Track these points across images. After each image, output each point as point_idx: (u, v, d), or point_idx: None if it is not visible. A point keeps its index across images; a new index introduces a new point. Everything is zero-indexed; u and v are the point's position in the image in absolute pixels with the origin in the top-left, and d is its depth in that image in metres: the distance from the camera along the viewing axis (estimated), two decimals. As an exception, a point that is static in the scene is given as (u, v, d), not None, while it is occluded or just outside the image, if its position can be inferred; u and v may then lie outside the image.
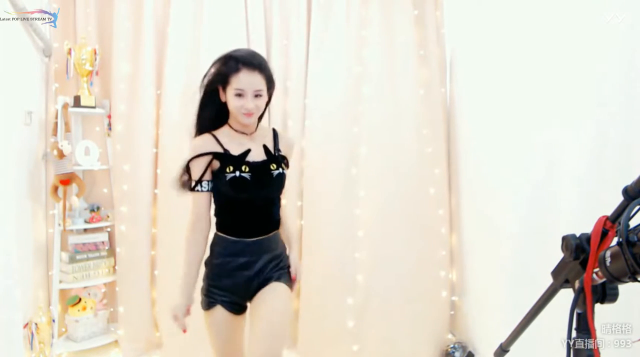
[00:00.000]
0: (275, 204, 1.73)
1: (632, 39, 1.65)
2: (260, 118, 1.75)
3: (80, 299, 2.83)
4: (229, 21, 2.78)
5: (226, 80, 1.62)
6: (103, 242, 2.92)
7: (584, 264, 0.89)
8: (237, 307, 1.69)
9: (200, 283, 1.72)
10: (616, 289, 0.89)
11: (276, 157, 1.71)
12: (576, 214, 1.80)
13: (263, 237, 1.68)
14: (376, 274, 2.76)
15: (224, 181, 1.60)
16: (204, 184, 1.62)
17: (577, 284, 0.91)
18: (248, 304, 1.72)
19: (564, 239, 0.92)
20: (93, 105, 2.80)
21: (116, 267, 2.90)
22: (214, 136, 1.66)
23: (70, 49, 2.76)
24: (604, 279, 0.85)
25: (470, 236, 2.80)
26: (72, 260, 2.77)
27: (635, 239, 0.74)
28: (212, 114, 1.72)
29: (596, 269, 0.85)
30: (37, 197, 2.67)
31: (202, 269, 1.72)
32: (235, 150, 1.65)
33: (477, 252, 2.72)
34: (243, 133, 1.69)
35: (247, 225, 1.66)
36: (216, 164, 1.62)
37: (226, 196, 1.64)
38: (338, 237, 2.81)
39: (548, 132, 2.04)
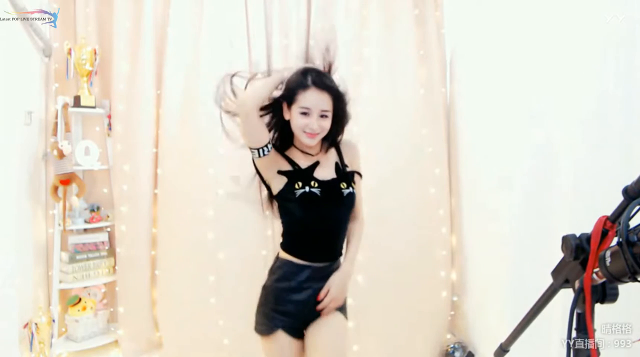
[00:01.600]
0: (344, 227, 1.68)
1: (632, 39, 1.65)
2: (332, 140, 1.71)
3: (80, 299, 2.83)
4: (229, 21, 2.78)
5: (293, 98, 1.56)
6: (103, 242, 2.92)
7: (584, 264, 0.89)
8: (298, 332, 1.63)
9: (249, 306, 1.69)
10: (616, 289, 0.89)
11: (346, 175, 1.65)
12: (576, 214, 1.80)
13: (329, 263, 1.64)
14: (376, 274, 2.75)
15: (294, 198, 1.55)
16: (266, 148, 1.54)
17: (577, 284, 0.91)
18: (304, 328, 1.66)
19: (564, 239, 0.92)
20: (93, 105, 2.80)
21: (116, 267, 2.90)
22: (281, 153, 1.63)
23: (70, 49, 2.76)
24: (604, 279, 0.85)
25: (471, 236, 2.79)
26: (72, 260, 2.77)
27: (635, 239, 0.74)
28: (277, 133, 1.68)
29: (596, 269, 0.85)
30: (37, 197, 2.68)
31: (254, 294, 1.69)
32: (304, 164, 1.61)
33: (477, 252, 2.72)
34: (309, 154, 1.65)
35: (315, 248, 1.61)
36: (279, 183, 1.59)
37: (295, 215, 1.59)
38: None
39: (548, 132, 2.04)
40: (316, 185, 1.55)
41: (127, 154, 2.85)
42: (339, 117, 1.66)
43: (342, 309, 1.69)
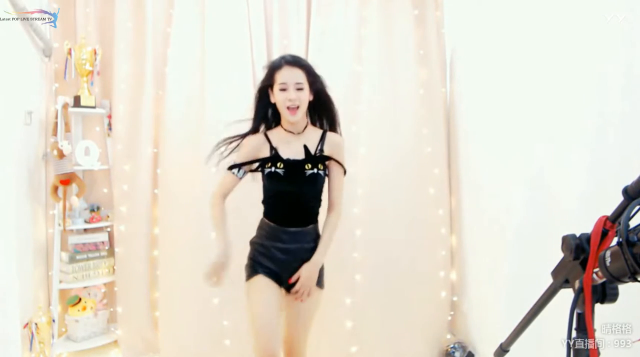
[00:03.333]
0: (310, 200, 1.92)
1: (632, 38, 1.65)
2: (318, 120, 2.01)
3: (80, 299, 2.83)
4: (230, 21, 2.78)
5: (272, 79, 1.85)
6: (103, 242, 2.92)
7: (584, 264, 0.89)
8: (277, 278, 1.88)
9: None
10: (616, 289, 0.89)
11: (314, 158, 1.88)
12: (576, 214, 1.80)
13: (299, 228, 1.89)
14: (375, 274, 2.75)
15: (263, 174, 1.89)
16: (240, 171, 1.91)
17: (577, 284, 0.91)
18: (286, 282, 1.90)
19: (564, 239, 0.92)
20: (93, 105, 2.80)
21: (115, 267, 2.90)
22: (267, 136, 1.92)
23: (70, 49, 2.76)
24: (604, 279, 0.85)
25: (470, 236, 2.79)
26: (72, 260, 2.77)
27: (635, 239, 0.74)
28: (264, 114, 1.97)
29: (596, 269, 0.85)
30: (37, 197, 2.67)
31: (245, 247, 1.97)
32: (283, 149, 1.88)
33: (477, 252, 2.72)
34: (291, 132, 1.91)
35: (283, 215, 1.89)
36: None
37: (266, 187, 1.91)
38: (336, 236, 2.80)
39: (548, 132, 2.04)
40: (281, 166, 1.85)
41: (127, 154, 2.85)
42: (318, 90, 1.92)
43: (318, 281, 1.92)
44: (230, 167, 1.92)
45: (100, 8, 2.90)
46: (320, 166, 1.89)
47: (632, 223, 0.77)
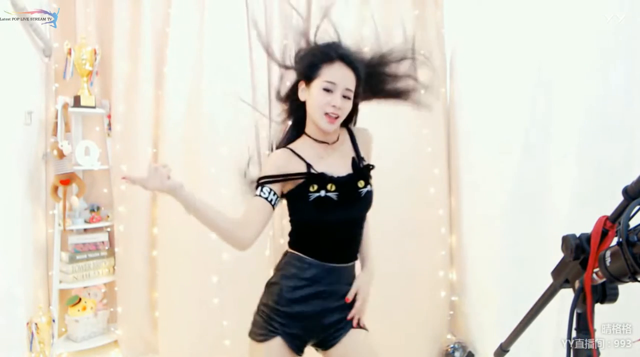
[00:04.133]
0: (361, 227, 1.54)
1: (632, 38, 1.65)
2: (346, 122, 1.56)
3: (80, 299, 2.83)
4: (229, 21, 2.78)
5: (315, 72, 1.40)
6: (103, 242, 2.92)
7: (584, 264, 0.89)
8: (299, 345, 1.44)
9: (252, 306, 1.50)
10: (616, 289, 0.89)
11: (363, 171, 1.50)
12: (576, 214, 1.80)
13: (343, 265, 1.48)
14: (375, 274, 2.75)
15: (306, 201, 1.38)
16: (271, 194, 1.38)
17: (577, 284, 0.91)
18: (311, 346, 1.50)
19: (564, 239, 0.92)
20: (93, 105, 2.80)
21: (115, 267, 2.90)
22: (293, 151, 1.45)
23: (70, 49, 2.76)
24: (604, 279, 0.85)
25: (470, 236, 2.79)
26: (72, 260, 2.77)
27: (635, 239, 0.74)
28: (298, 118, 1.50)
29: (596, 269, 0.85)
30: (37, 197, 2.67)
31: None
32: (318, 165, 1.43)
33: (477, 252, 2.72)
34: (323, 142, 1.47)
35: (328, 249, 1.44)
36: (291, 183, 1.42)
37: (307, 218, 1.43)
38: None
39: (548, 132, 2.04)
40: (333, 188, 1.39)
41: (126, 154, 2.85)
42: (357, 101, 1.50)
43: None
44: (260, 184, 1.39)
45: (100, 8, 2.90)
46: (370, 180, 1.51)
47: (632, 223, 0.77)
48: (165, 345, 2.82)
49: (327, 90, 1.38)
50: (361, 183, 1.47)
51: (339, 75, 1.39)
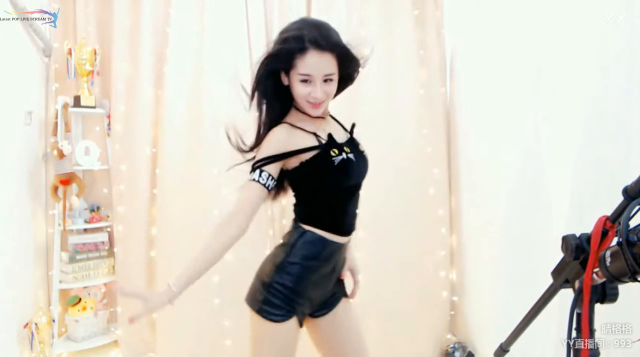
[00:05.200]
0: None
1: (632, 38, 1.65)
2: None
3: (80, 299, 2.83)
4: (229, 21, 2.78)
5: (290, 63, 1.34)
6: (103, 242, 2.92)
7: (584, 264, 0.89)
8: (302, 319, 1.47)
9: None
10: (616, 289, 0.89)
11: (355, 140, 1.54)
12: (576, 214, 1.80)
13: (347, 238, 1.49)
14: (375, 274, 2.75)
15: (331, 167, 1.36)
16: (269, 180, 1.34)
17: (577, 284, 0.91)
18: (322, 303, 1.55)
19: (564, 239, 0.92)
20: (93, 105, 2.80)
21: (115, 267, 2.90)
22: (293, 125, 1.41)
23: (70, 49, 2.76)
24: (604, 279, 0.85)
25: (470, 236, 2.79)
26: (72, 260, 2.76)
27: (635, 239, 0.74)
28: (278, 101, 1.44)
29: (596, 269, 0.85)
30: (37, 197, 2.67)
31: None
32: (323, 134, 1.43)
33: (477, 252, 2.72)
34: (317, 117, 1.45)
35: (342, 219, 1.44)
36: (303, 156, 1.38)
37: (330, 183, 1.40)
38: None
39: (548, 132, 2.04)
40: (349, 150, 1.41)
41: (126, 154, 2.85)
42: (347, 77, 1.46)
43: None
44: (255, 167, 1.35)
45: (100, 8, 2.90)
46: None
47: (632, 223, 0.77)
48: (165, 345, 2.81)
49: (305, 81, 1.35)
50: (362, 148, 1.53)
51: (314, 65, 1.32)
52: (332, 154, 1.37)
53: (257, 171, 1.34)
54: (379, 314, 2.78)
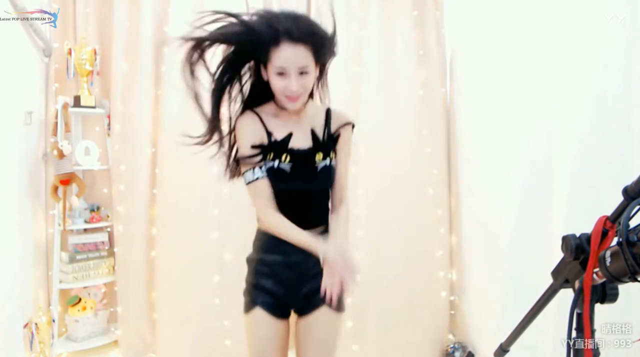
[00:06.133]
0: (320, 198, 1.52)
1: (632, 38, 1.65)
2: (311, 94, 1.52)
3: (80, 299, 2.82)
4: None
5: (266, 56, 1.35)
6: (103, 242, 2.92)
7: (584, 264, 0.89)
8: (280, 311, 1.49)
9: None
10: (616, 289, 0.89)
11: (324, 145, 1.48)
12: (576, 214, 1.80)
13: (308, 232, 1.43)
14: (375, 274, 2.75)
15: (265, 168, 1.42)
16: (256, 170, 1.40)
17: (577, 284, 0.91)
18: (292, 311, 1.55)
19: (564, 239, 0.93)
20: (93, 105, 2.80)
21: (115, 268, 2.90)
22: (258, 115, 1.46)
23: (70, 49, 2.76)
24: (604, 279, 0.85)
25: (470, 236, 2.79)
26: (72, 260, 2.76)
27: (635, 239, 0.74)
28: (255, 88, 1.48)
29: (596, 269, 0.85)
30: (37, 197, 2.67)
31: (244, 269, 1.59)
32: (279, 133, 1.44)
33: (477, 252, 2.72)
34: (294, 111, 1.46)
35: (297, 215, 1.43)
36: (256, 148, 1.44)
37: (270, 185, 1.43)
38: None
39: (548, 132, 2.04)
40: (287, 159, 1.41)
41: (125, 154, 2.84)
42: (324, 66, 1.47)
43: (339, 304, 1.49)
44: (248, 182, 1.43)
45: (99, 8, 2.90)
46: (332, 155, 1.49)
47: (632, 223, 0.77)
48: (165, 345, 2.81)
49: (281, 74, 1.36)
50: (319, 156, 1.47)
51: (288, 57, 1.33)
52: (268, 157, 1.43)
53: (249, 172, 1.42)
54: (378, 313, 2.78)
